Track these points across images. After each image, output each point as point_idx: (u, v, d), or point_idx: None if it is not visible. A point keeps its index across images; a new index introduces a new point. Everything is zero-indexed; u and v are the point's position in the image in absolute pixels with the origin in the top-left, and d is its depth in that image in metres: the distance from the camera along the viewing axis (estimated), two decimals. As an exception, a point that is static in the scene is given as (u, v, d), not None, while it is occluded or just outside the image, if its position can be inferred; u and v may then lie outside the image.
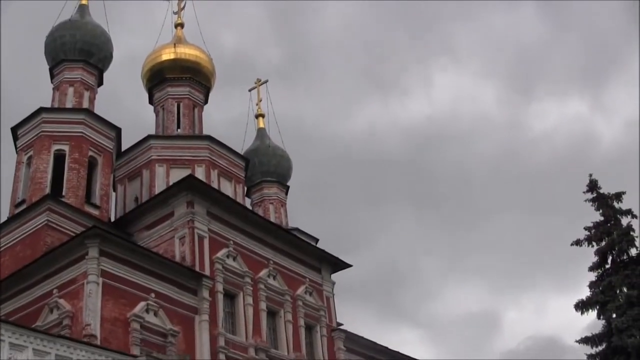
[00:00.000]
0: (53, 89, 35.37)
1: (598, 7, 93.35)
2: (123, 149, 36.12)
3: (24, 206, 30.48)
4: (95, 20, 37.06)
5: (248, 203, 42.41)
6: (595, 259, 38.84)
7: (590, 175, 40.40)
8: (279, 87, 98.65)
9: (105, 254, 25.03)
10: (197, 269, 28.37)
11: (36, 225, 29.03)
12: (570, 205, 49.84)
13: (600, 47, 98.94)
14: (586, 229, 39.41)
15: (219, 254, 29.65)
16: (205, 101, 41.98)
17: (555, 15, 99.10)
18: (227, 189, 36.51)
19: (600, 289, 37.61)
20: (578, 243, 39.36)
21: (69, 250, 25.43)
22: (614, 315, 36.08)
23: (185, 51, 41.32)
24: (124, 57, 62.90)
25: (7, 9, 69.71)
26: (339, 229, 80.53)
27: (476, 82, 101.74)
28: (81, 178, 31.60)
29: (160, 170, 35.79)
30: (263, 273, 31.56)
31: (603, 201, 39.39)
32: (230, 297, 29.76)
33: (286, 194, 44.93)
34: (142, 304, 25.46)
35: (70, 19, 36.24)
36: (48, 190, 30.54)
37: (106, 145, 33.45)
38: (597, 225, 39.19)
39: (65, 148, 32.06)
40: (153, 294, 26.02)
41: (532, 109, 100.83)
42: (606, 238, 38.60)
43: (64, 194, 30.85)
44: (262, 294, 31.04)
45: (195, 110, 40.52)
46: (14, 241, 29.55)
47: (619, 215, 38.90)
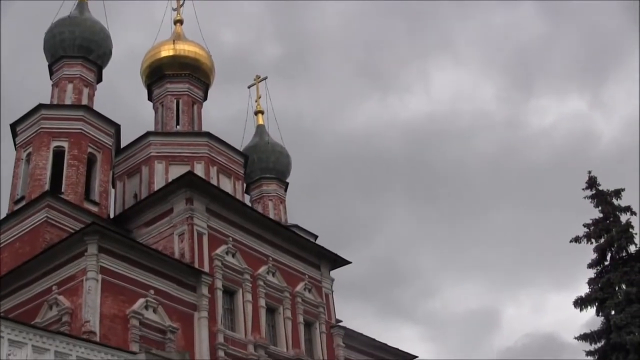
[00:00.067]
0: (52, 86, 35.37)
1: (597, 5, 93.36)
2: (122, 145, 36.14)
3: (23, 203, 30.50)
4: (94, 17, 37.05)
5: (247, 200, 42.40)
6: (594, 255, 38.85)
7: (589, 172, 40.43)
8: (278, 84, 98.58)
9: (104, 250, 25.04)
10: (196, 265, 28.38)
11: (35, 222, 29.04)
12: (569, 202, 49.79)
13: (600, 45, 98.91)
14: (585, 225, 39.40)
15: (218, 251, 29.66)
16: (205, 98, 41.97)
17: (554, 12, 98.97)
18: (227, 185, 36.51)
19: (599, 285, 37.61)
20: (577, 240, 39.37)
21: (68, 247, 25.42)
22: (613, 312, 36.11)
23: (184, 48, 41.29)
24: (123, 54, 63.08)
25: (7, 10, 69.73)
26: (338, 225, 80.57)
27: (475, 79, 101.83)
28: (80, 175, 31.61)
29: (159, 166, 35.78)
30: (262, 270, 31.58)
31: (602, 198, 39.39)
32: (229, 294, 29.78)
33: (285, 190, 44.91)
34: (142, 300, 25.48)
35: (69, 15, 36.23)
36: (47, 187, 30.55)
37: (105, 142, 33.44)
38: (596, 222, 39.18)
39: (65, 145, 32.07)
40: (152, 291, 26.04)
41: (532, 106, 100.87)
42: (605, 235, 38.60)
43: (63, 190, 30.87)
44: (261, 291, 31.07)
45: (195, 106, 40.51)
46: (13, 238, 29.58)
47: (618, 212, 38.90)
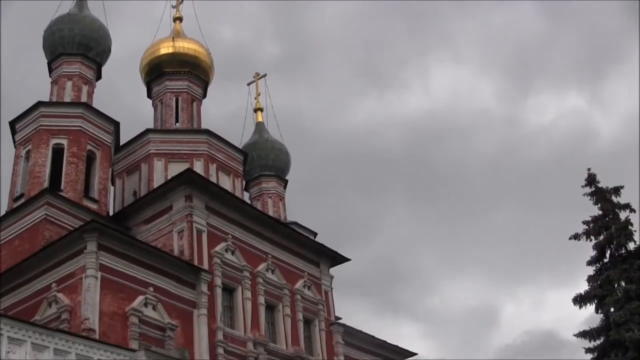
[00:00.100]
0: (51, 83, 35.32)
1: (597, 2, 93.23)
2: (121, 143, 36.11)
3: (23, 200, 30.46)
4: (93, 14, 36.96)
5: (246, 197, 42.40)
6: (593, 253, 38.85)
7: (588, 170, 40.42)
8: (277, 81, 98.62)
9: (103, 248, 25.03)
10: (196, 263, 28.37)
11: (35, 220, 29.01)
12: (568, 199, 49.82)
13: (599, 42, 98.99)
14: (584, 223, 39.40)
15: (217, 248, 29.67)
16: (204, 95, 41.94)
17: (553, 10, 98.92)
18: (226, 183, 36.51)
19: (599, 283, 37.63)
20: (576, 237, 39.38)
21: (67, 245, 25.42)
22: (612, 309, 36.14)
23: (183, 45, 41.26)
24: (122, 51, 62.69)
25: (7, 10, 69.67)
26: (337, 223, 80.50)
27: (475, 77, 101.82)
28: (80, 172, 31.59)
29: (158, 164, 35.80)
30: (261, 267, 31.58)
31: (601, 195, 39.38)
32: (228, 291, 29.79)
33: (285, 188, 44.92)
34: (141, 298, 25.49)
35: (68, 12, 36.16)
36: (46, 185, 30.52)
37: (105, 139, 33.41)
38: (596, 219, 39.19)
39: (64, 142, 32.02)
40: (151, 288, 26.05)
41: (531, 103, 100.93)
42: (604, 232, 38.62)
43: (62, 188, 30.84)
44: (261, 288, 31.07)
45: (194, 104, 40.50)
46: (13, 235, 29.53)
47: (617, 210, 38.90)
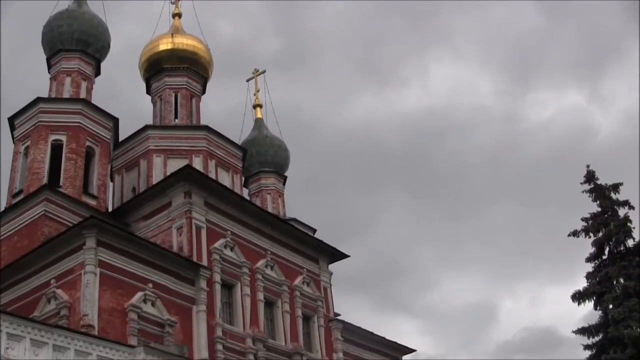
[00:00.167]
0: (50, 79, 35.30)
1: (596, 1, 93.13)
2: (120, 139, 36.08)
3: (22, 196, 30.46)
4: (92, 10, 36.92)
5: (245, 193, 42.41)
6: (592, 250, 38.98)
7: (587, 167, 40.58)
8: (276, 78, 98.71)
9: (102, 244, 25.02)
10: (195, 259, 28.37)
11: (33, 216, 29.01)
12: (567, 196, 49.90)
13: (598, 38, 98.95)
14: (583, 220, 39.51)
15: (216, 244, 29.66)
16: (203, 91, 41.93)
17: (552, 6, 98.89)
18: (225, 179, 36.50)
19: (597, 279, 37.71)
20: (575, 234, 39.47)
21: (66, 241, 25.41)
22: (611, 306, 36.23)
23: (182, 41, 41.24)
24: (121, 47, 62.70)
25: (7, 10, 69.56)
26: (336, 219, 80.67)
27: (473, 73, 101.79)
28: (78, 168, 31.57)
29: (157, 160, 35.78)
30: (260, 263, 31.58)
31: (600, 192, 39.46)
32: (227, 288, 29.80)
33: (284, 184, 44.92)
34: (140, 294, 25.49)
35: (67, 8, 36.12)
36: (45, 181, 30.50)
37: (104, 136, 33.39)
38: (594, 216, 39.27)
39: (63, 138, 32.01)
40: (150, 284, 26.06)
41: (530, 99, 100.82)
42: (603, 229, 38.71)
43: (61, 184, 30.82)
44: (260, 285, 31.07)
45: (193, 100, 40.48)
46: (12, 231, 29.55)
47: (616, 206, 39.00)
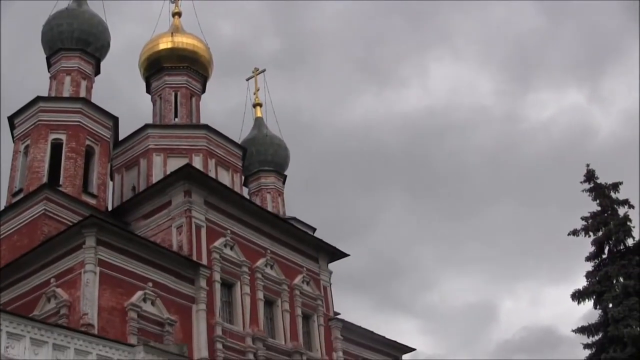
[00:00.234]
0: (50, 78, 35.27)
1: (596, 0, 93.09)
2: (120, 138, 36.07)
3: (21, 195, 30.43)
4: (92, 9, 36.90)
5: (245, 192, 42.41)
6: (592, 249, 39.00)
7: (587, 166, 40.61)
8: (276, 77, 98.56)
9: (102, 243, 25.02)
10: (195, 258, 28.37)
11: (33, 215, 28.99)
12: (567, 195, 49.93)
13: (598, 38, 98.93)
14: (583, 219, 39.52)
15: (216, 243, 29.65)
16: (203, 90, 41.92)
17: (553, 6, 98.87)
18: (225, 178, 36.50)
19: (597, 278, 37.73)
20: (575, 233, 39.48)
21: (66, 240, 25.40)
22: (611, 305, 36.24)
23: (182, 40, 41.23)
24: (121, 46, 62.81)
25: (7, 10, 69.55)
26: (336, 218, 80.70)
27: (473, 73, 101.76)
28: (78, 167, 31.56)
29: (157, 159, 35.78)
30: (260, 262, 31.58)
31: (600, 191, 39.49)
32: (227, 287, 29.80)
33: (283, 183, 44.92)
34: (140, 293, 25.49)
35: (67, 7, 36.08)
36: (45, 180, 30.47)
37: (103, 135, 33.37)
38: (594, 215, 39.28)
39: (63, 137, 31.97)
40: (150, 283, 26.05)
41: (530, 99, 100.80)
42: (603, 228, 38.72)
43: (61, 183, 30.80)
44: (260, 283, 31.08)
45: (193, 99, 40.48)
46: (11, 230, 29.53)
47: (615, 206, 39.02)
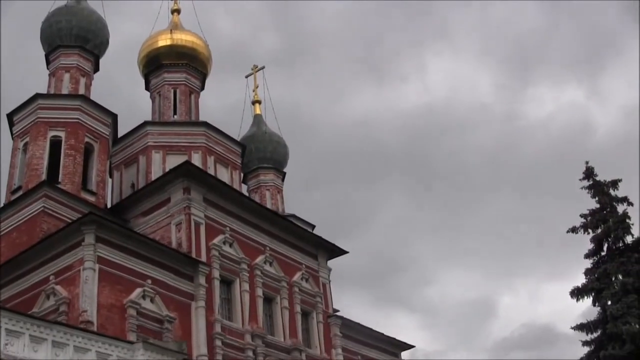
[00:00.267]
0: (49, 75, 35.25)
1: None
2: (119, 135, 36.07)
3: (20, 193, 30.44)
4: (91, 6, 36.86)
5: (244, 189, 42.41)
6: (591, 246, 38.95)
7: (586, 163, 40.55)
8: (275, 74, 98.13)
9: (101, 240, 25.05)
10: (194, 255, 28.39)
11: (32, 212, 28.99)
12: (566, 192, 50.00)
13: (598, 35, 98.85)
14: (582, 216, 39.48)
15: (215, 241, 29.68)
16: (202, 87, 41.91)
17: (553, 4, 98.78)
18: (224, 175, 36.52)
19: (596, 276, 37.72)
20: (574, 230, 39.45)
21: (65, 237, 25.42)
22: (609, 302, 36.22)
23: (181, 37, 41.21)
24: (120, 43, 62.68)
25: (7, 9, 69.47)
26: (335, 215, 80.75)
27: (472, 69, 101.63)
28: (77, 164, 31.57)
29: (156, 156, 35.79)
30: (259, 259, 31.61)
31: (599, 188, 39.46)
32: (226, 284, 29.82)
33: (282, 180, 44.94)
34: (139, 290, 25.51)
35: (66, 4, 36.09)
36: (44, 177, 30.49)
37: (102, 132, 33.37)
38: (593, 212, 39.26)
39: (62, 134, 31.98)
40: (149, 281, 26.07)
41: (529, 96, 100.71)
42: (602, 225, 38.69)
43: (60, 180, 30.81)
44: (259, 281, 31.11)
45: (192, 96, 40.46)
46: (11, 228, 29.53)
47: (614, 203, 38.99)
